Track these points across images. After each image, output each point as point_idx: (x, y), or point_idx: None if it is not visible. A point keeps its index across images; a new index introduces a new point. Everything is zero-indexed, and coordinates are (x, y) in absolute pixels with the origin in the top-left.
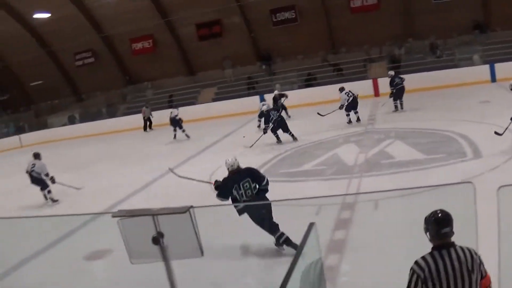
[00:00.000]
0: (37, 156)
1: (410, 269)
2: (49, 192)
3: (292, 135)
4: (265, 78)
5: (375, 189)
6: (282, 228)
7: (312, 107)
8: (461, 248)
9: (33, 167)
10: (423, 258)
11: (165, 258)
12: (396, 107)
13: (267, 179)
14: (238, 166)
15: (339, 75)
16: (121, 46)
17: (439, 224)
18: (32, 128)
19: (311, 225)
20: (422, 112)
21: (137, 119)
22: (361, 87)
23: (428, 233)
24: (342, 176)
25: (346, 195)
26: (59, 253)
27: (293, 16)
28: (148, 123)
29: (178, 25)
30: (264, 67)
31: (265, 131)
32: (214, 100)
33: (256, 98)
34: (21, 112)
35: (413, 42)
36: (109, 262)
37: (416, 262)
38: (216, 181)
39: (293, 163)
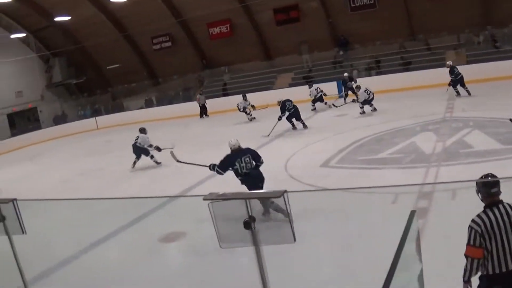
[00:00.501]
0: (142, 130)
1: (468, 227)
2: (152, 157)
3: (304, 124)
4: (342, 64)
5: (453, 179)
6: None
7: (386, 94)
8: (508, 204)
9: (137, 139)
10: (478, 216)
11: (256, 243)
12: (458, 92)
13: (262, 159)
14: (239, 146)
15: (408, 62)
16: (198, 30)
17: (488, 185)
18: (108, 111)
19: (413, 213)
20: (502, 101)
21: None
22: (436, 75)
23: (479, 194)
24: (419, 164)
25: (423, 184)
26: (135, 233)
27: (372, 2)
28: (203, 110)
29: (256, 10)
30: (341, 53)
31: (279, 119)
32: (291, 85)
33: (333, 84)
34: (97, 95)
35: (492, 30)
36: (182, 245)
37: (473, 220)
38: (211, 165)
39: (370, 150)
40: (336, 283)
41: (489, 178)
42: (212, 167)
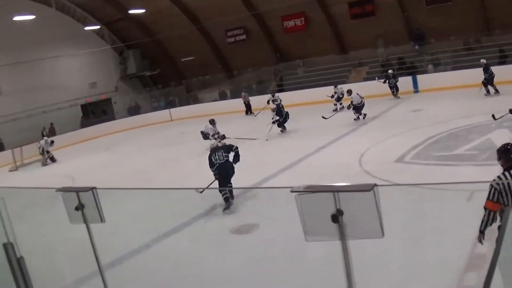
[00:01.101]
0: (211, 121)
1: (489, 185)
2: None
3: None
4: (417, 59)
5: None
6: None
7: (461, 90)
8: None
9: (204, 128)
10: (498, 177)
11: (343, 237)
12: (488, 91)
13: (236, 147)
14: (217, 145)
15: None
16: (272, 23)
17: (507, 152)
18: (182, 103)
19: (508, 210)
20: None
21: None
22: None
23: (500, 160)
24: (495, 162)
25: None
26: (207, 224)
27: None
28: (248, 107)
29: (330, 3)
30: (417, 47)
31: (275, 122)
32: (365, 79)
33: (408, 78)
34: (172, 87)
35: None
36: (254, 238)
37: (494, 180)
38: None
39: (446, 147)
40: (407, 279)
41: (508, 146)
42: (214, 175)
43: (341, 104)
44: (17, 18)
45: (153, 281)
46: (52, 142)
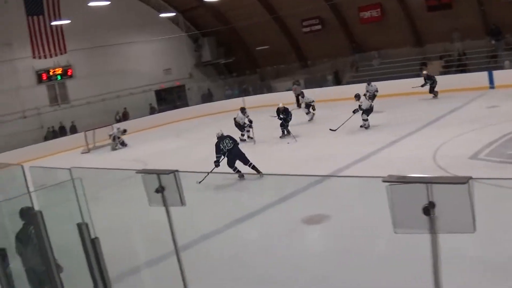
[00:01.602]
0: (241, 110)
1: None
2: (243, 134)
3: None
4: (493, 54)
5: None
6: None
7: None
8: None
9: (237, 117)
10: None
11: (433, 230)
12: None
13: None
14: (222, 134)
15: None
16: (348, 14)
17: None
18: (256, 91)
19: None
20: None
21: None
22: None
23: None
24: None
25: None
26: (280, 212)
27: None
28: (299, 99)
29: None
30: (493, 42)
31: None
32: (441, 73)
33: (484, 74)
34: (246, 75)
35: None
36: (325, 228)
37: None
38: (214, 162)
39: None
40: (477, 278)
41: None
42: (215, 162)
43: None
44: (92, 3)
45: (223, 266)
46: (125, 131)
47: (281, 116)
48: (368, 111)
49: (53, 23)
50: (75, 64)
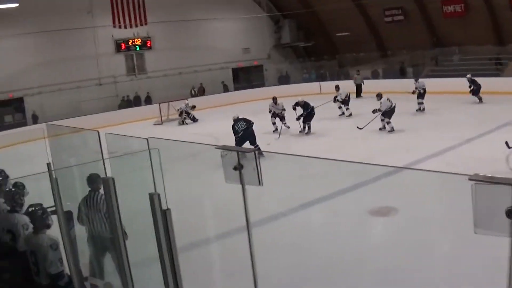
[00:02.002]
0: (273, 99)
1: None
2: (281, 119)
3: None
4: None
5: None
6: None
7: None
8: None
9: (269, 106)
10: None
11: None
12: None
13: (252, 121)
14: (238, 117)
15: None
16: (431, 7)
17: None
18: (334, 77)
19: None
20: None
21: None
22: None
23: None
24: None
25: None
26: (347, 201)
27: None
28: (359, 90)
29: None
30: None
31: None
32: None
33: None
34: (324, 60)
35: None
36: (391, 221)
37: None
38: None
39: None
40: None
41: None
42: (236, 141)
43: (422, 102)
44: None
45: (286, 249)
46: (194, 106)
47: (304, 111)
48: (388, 113)
49: None
50: (154, 36)
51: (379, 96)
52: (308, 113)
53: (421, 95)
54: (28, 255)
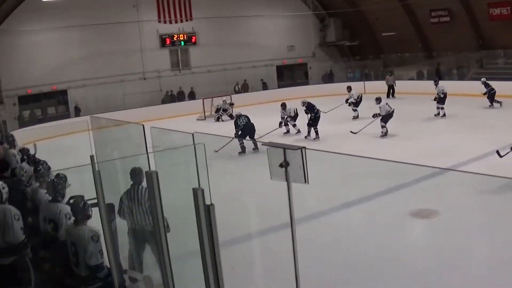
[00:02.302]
0: (282, 105)
1: None
2: (285, 125)
3: (317, 132)
4: None
5: None
6: None
7: None
8: None
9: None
10: None
11: None
12: None
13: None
14: (240, 113)
15: None
16: (478, 9)
17: None
18: (378, 77)
19: None
20: None
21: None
22: None
23: None
24: None
25: None
26: (388, 201)
27: None
28: (391, 90)
29: None
30: None
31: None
32: None
33: None
34: (369, 59)
35: None
36: (432, 224)
37: None
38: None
39: None
40: None
41: None
42: (235, 134)
43: (442, 107)
44: None
45: (326, 248)
46: (232, 104)
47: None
48: (386, 117)
49: None
50: (199, 31)
51: (378, 100)
52: (314, 117)
53: (441, 100)
54: (68, 245)
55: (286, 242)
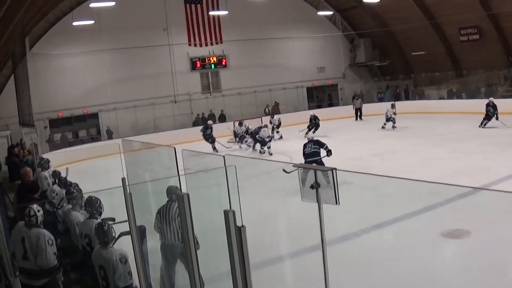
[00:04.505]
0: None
1: None
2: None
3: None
4: None
5: None
6: None
7: None
8: None
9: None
10: None
11: None
12: None
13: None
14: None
15: None
16: (508, 26)
17: None
18: (408, 97)
19: None
20: None
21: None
22: None
23: None
24: None
25: None
26: (419, 221)
27: None
28: (358, 113)
29: None
30: None
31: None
32: None
33: None
34: (399, 79)
35: None
36: (464, 244)
37: None
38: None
39: None
40: None
41: None
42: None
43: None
44: None
45: (357, 269)
46: (279, 124)
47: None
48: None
49: (211, 13)
50: (229, 54)
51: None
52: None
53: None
54: (96, 269)
55: (318, 263)
